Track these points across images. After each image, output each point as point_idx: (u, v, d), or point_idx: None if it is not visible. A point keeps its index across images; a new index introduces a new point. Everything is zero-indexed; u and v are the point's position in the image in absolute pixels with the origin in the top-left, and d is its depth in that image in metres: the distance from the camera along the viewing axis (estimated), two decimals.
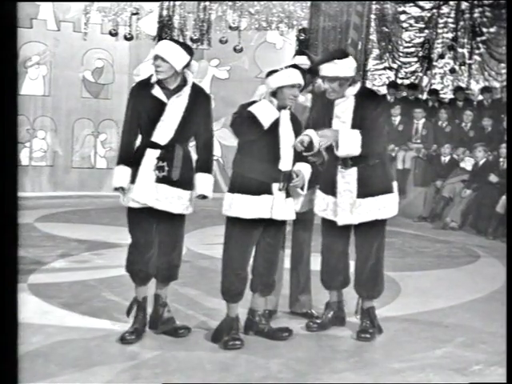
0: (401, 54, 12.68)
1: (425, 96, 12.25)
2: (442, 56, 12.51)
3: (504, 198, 8.22)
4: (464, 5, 12.20)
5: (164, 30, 10.81)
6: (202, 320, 4.52)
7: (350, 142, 4.12)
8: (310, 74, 4.45)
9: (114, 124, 11.38)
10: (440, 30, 12.45)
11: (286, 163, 4.10)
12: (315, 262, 4.64)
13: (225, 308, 4.21)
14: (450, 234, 8.62)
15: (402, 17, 12.60)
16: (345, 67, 4.20)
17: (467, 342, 4.33)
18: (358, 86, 4.29)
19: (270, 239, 4.16)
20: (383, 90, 11.79)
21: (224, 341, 4.08)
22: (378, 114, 4.24)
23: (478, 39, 12.15)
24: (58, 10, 11.17)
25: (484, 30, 12.06)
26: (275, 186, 4.07)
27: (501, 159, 8.94)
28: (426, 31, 12.52)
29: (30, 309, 4.57)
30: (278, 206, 4.06)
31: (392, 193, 4.35)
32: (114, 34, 10.86)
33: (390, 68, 12.74)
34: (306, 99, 4.62)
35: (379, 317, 4.47)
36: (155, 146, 4.04)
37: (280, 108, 4.09)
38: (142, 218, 4.08)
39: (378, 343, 4.30)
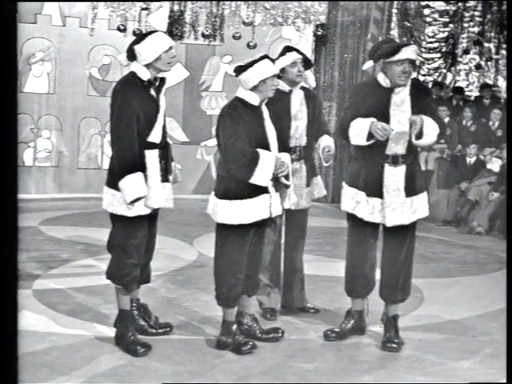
0: (423, 50, 12.62)
1: (449, 94, 12.18)
2: (467, 51, 12.44)
3: None
4: None
5: (175, 26, 10.82)
6: (217, 327, 4.50)
7: (433, 131, 4.16)
8: (385, 57, 4.39)
9: None
10: (466, 24, 12.39)
11: None
12: (328, 268, 4.62)
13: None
14: (477, 239, 8.54)
15: (426, 11, 12.55)
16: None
17: (495, 353, 4.28)
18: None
19: (256, 238, 4.20)
20: None
21: (234, 347, 4.13)
22: (433, 106, 4.38)
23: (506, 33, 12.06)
24: (63, 4, 11.22)
25: None
26: (270, 183, 4.10)
27: None
28: (451, 25, 12.46)
29: (35, 316, 4.58)
30: (275, 203, 4.14)
31: (426, 191, 4.43)
32: (122, 29, 10.87)
33: None
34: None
35: (401, 326, 4.44)
36: (152, 146, 4.10)
37: (262, 100, 4.16)
38: (143, 223, 4.14)
39: (401, 354, 4.27)
